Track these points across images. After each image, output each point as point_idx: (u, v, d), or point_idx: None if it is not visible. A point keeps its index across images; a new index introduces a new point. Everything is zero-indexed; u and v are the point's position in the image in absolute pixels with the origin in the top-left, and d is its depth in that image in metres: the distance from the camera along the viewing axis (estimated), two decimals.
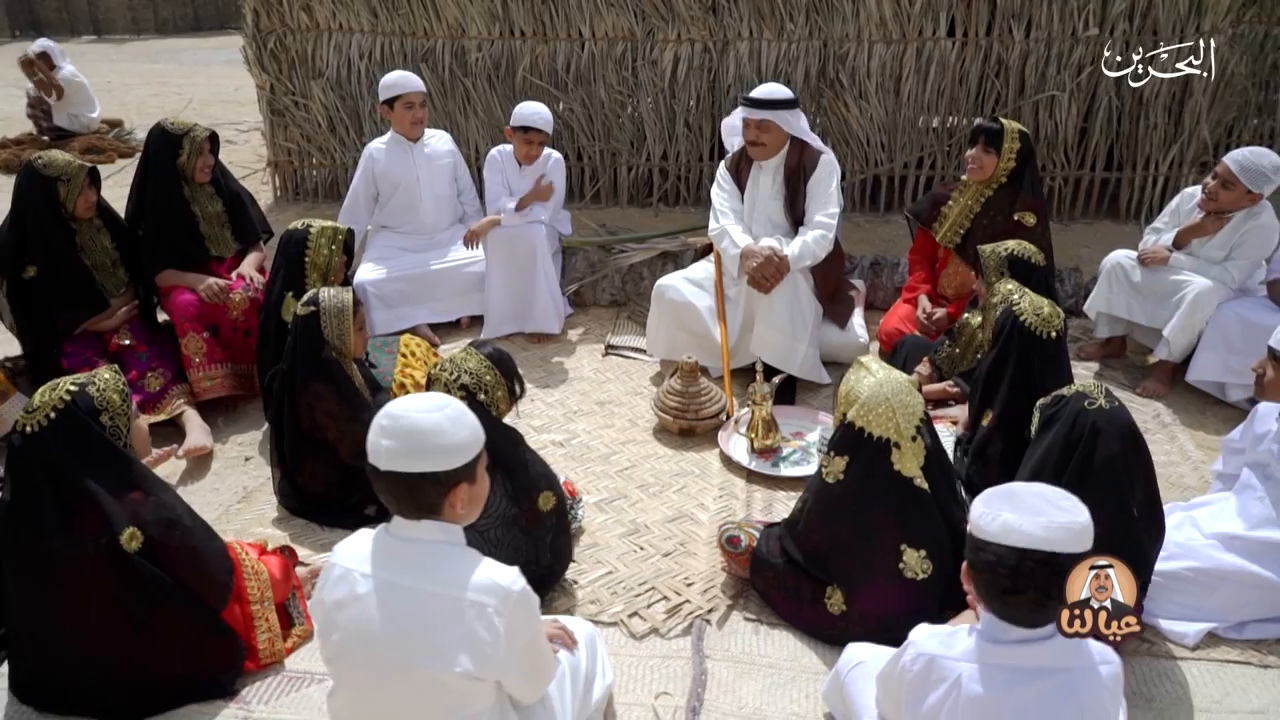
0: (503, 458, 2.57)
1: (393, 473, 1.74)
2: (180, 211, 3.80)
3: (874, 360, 2.51)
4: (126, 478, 2.24)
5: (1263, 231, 3.61)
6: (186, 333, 3.65)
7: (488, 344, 2.74)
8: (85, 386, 2.23)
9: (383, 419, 1.76)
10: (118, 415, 2.27)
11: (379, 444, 1.75)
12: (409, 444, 1.73)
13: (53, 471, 2.15)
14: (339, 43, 5.69)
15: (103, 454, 2.21)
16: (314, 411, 3.03)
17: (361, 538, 1.88)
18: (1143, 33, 5.02)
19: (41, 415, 2.15)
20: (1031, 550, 1.58)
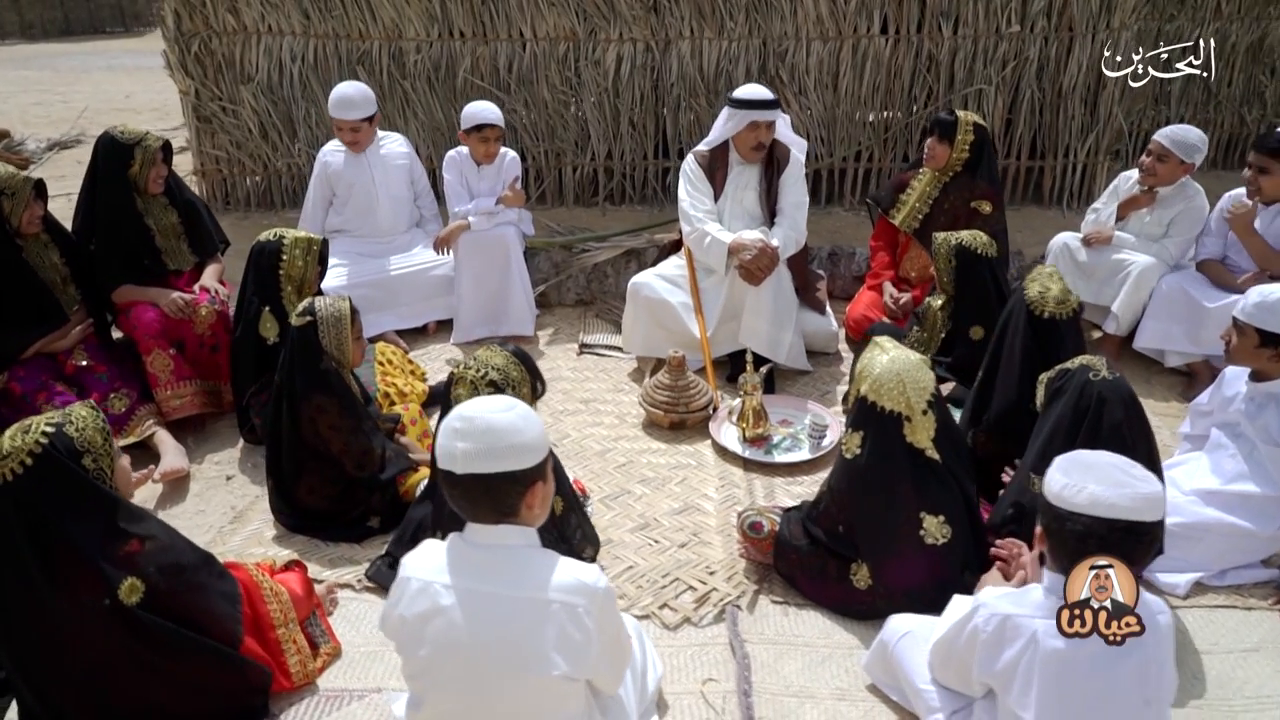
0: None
1: (472, 475, 1.73)
2: (134, 225, 3.63)
3: (888, 340, 2.62)
4: (117, 524, 2.06)
5: (1195, 211, 3.91)
6: (151, 350, 3.48)
7: (508, 343, 2.73)
8: (62, 427, 2.02)
9: (455, 422, 1.75)
10: (101, 456, 2.07)
11: (453, 447, 1.73)
12: (487, 444, 1.73)
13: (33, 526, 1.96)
14: (269, 46, 5.50)
15: (90, 501, 2.03)
16: (317, 425, 2.95)
17: (431, 549, 1.86)
18: (1059, 29, 5.33)
19: (15, 462, 1.93)
20: (1119, 520, 1.69)
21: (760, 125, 3.83)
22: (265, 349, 3.38)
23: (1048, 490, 1.82)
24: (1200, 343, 3.76)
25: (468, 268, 4.20)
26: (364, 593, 2.74)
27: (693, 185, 4.01)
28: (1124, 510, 1.70)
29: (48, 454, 1.97)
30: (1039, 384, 2.57)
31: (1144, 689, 1.78)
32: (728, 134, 3.94)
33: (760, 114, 3.82)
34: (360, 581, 2.77)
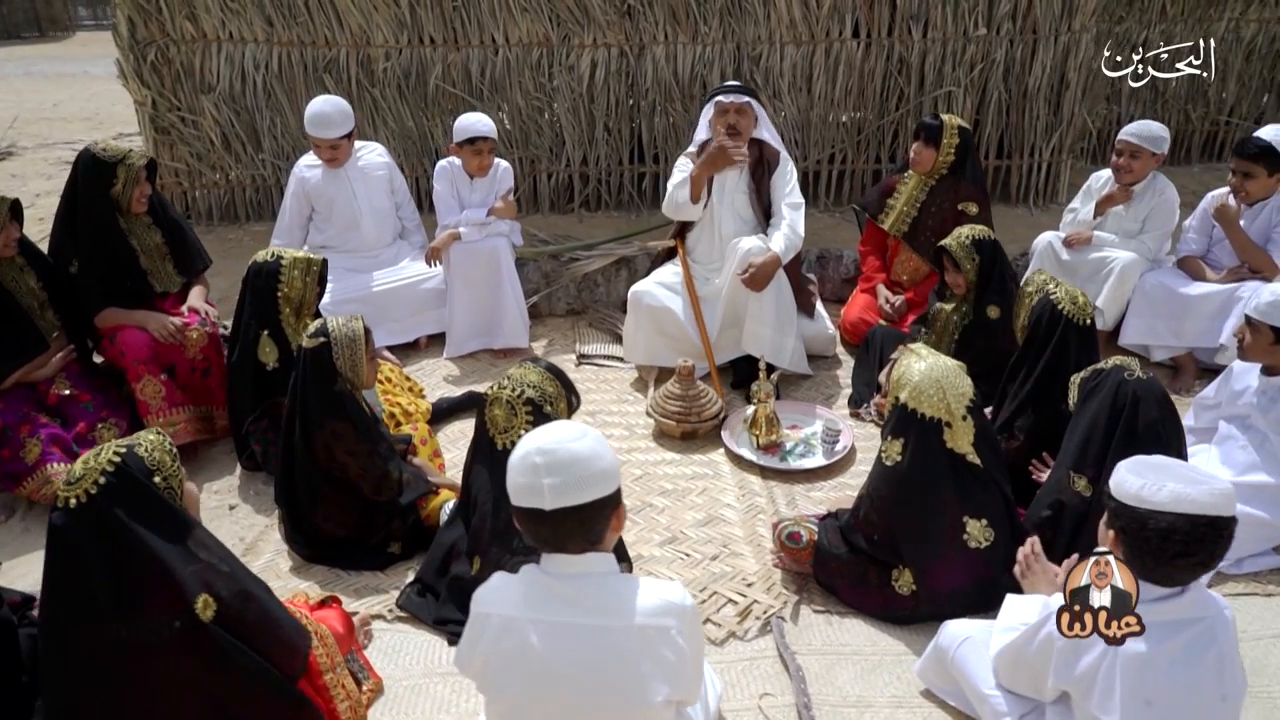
0: None
1: (562, 509, 1.69)
2: (118, 246, 3.47)
3: (923, 347, 2.65)
4: (188, 546, 2.02)
5: (1168, 205, 4.06)
6: (141, 376, 3.33)
7: (538, 359, 2.69)
8: (132, 448, 2.01)
9: (535, 457, 1.70)
10: (171, 476, 2.05)
11: (538, 484, 1.68)
12: (575, 475, 1.69)
13: (110, 544, 1.91)
14: (230, 54, 5.31)
15: (165, 517, 1.99)
16: (333, 451, 2.85)
17: (507, 583, 1.81)
18: (1024, 31, 5.47)
19: (89, 482, 1.90)
20: (1202, 516, 1.72)
21: (728, 108, 3.83)
22: (264, 374, 3.26)
23: (1122, 492, 1.84)
24: (1184, 336, 3.90)
25: (459, 280, 4.11)
26: (396, 623, 2.66)
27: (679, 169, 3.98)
28: (1206, 506, 1.74)
29: (121, 471, 1.93)
30: (1071, 385, 2.62)
31: (1221, 685, 1.82)
32: (706, 128, 3.96)
33: (724, 97, 3.84)
34: (392, 611, 2.68)
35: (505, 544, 2.47)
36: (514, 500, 1.75)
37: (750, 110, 3.88)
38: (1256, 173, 3.72)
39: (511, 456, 1.76)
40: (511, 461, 1.75)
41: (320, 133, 3.99)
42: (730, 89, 3.89)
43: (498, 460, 2.48)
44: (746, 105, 3.86)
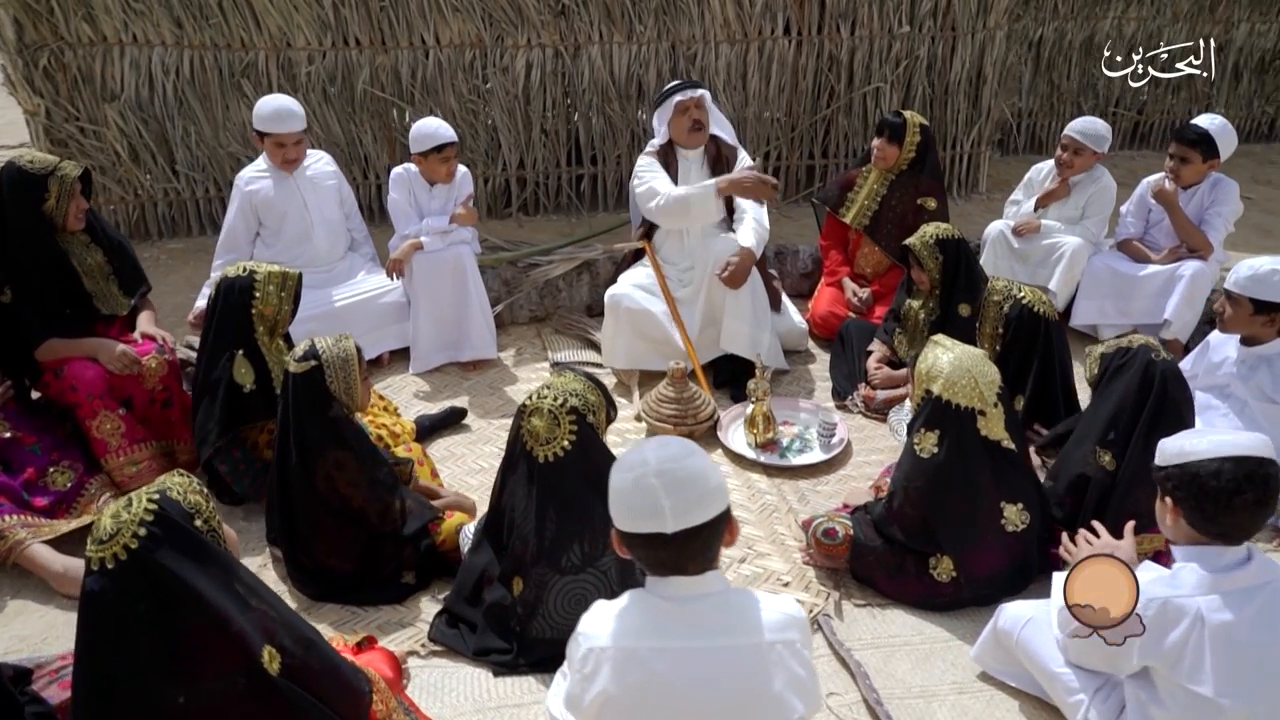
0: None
1: (686, 530, 1.61)
2: (57, 268, 3.14)
3: (944, 338, 2.69)
4: (238, 591, 1.83)
5: (1106, 192, 4.29)
6: (97, 412, 3.02)
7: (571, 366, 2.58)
8: (165, 493, 1.79)
9: (651, 479, 1.61)
10: (210, 518, 1.84)
11: (659, 506, 1.60)
12: (695, 493, 1.62)
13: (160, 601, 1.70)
14: (135, 58, 4.90)
15: (214, 564, 1.79)
16: (335, 481, 2.66)
17: (616, 613, 1.70)
18: (944, 29, 5.68)
19: (128, 535, 1.68)
20: (1246, 456, 1.84)
21: (688, 105, 3.83)
22: (240, 397, 3.02)
23: (1166, 456, 1.94)
24: (1130, 314, 4.13)
25: (423, 292, 3.92)
26: (432, 658, 2.50)
27: (651, 170, 3.92)
28: (1246, 447, 1.86)
29: (162, 519, 1.72)
30: (1090, 357, 2.73)
31: None
32: (665, 128, 3.95)
33: (681, 95, 3.84)
34: (425, 646, 2.53)
35: (553, 563, 2.37)
36: (625, 526, 1.66)
37: (705, 103, 3.88)
38: (1192, 158, 3.98)
39: (616, 481, 1.67)
40: (619, 486, 1.66)
41: (282, 127, 3.75)
42: (683, 86, 3.88)
43: (539, 474, 2.38)
44: (703, 98, 3.86)
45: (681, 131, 3.87)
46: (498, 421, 3.65)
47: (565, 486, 2.37)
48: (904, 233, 4.14)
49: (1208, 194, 4.06)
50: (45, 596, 2.73)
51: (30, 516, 2.82)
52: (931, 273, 3.59)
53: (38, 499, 2.89)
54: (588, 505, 2.37)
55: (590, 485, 2.37)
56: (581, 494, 2.37)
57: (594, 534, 2.37)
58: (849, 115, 5.79)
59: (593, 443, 2.38)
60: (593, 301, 4.50)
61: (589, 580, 2.38)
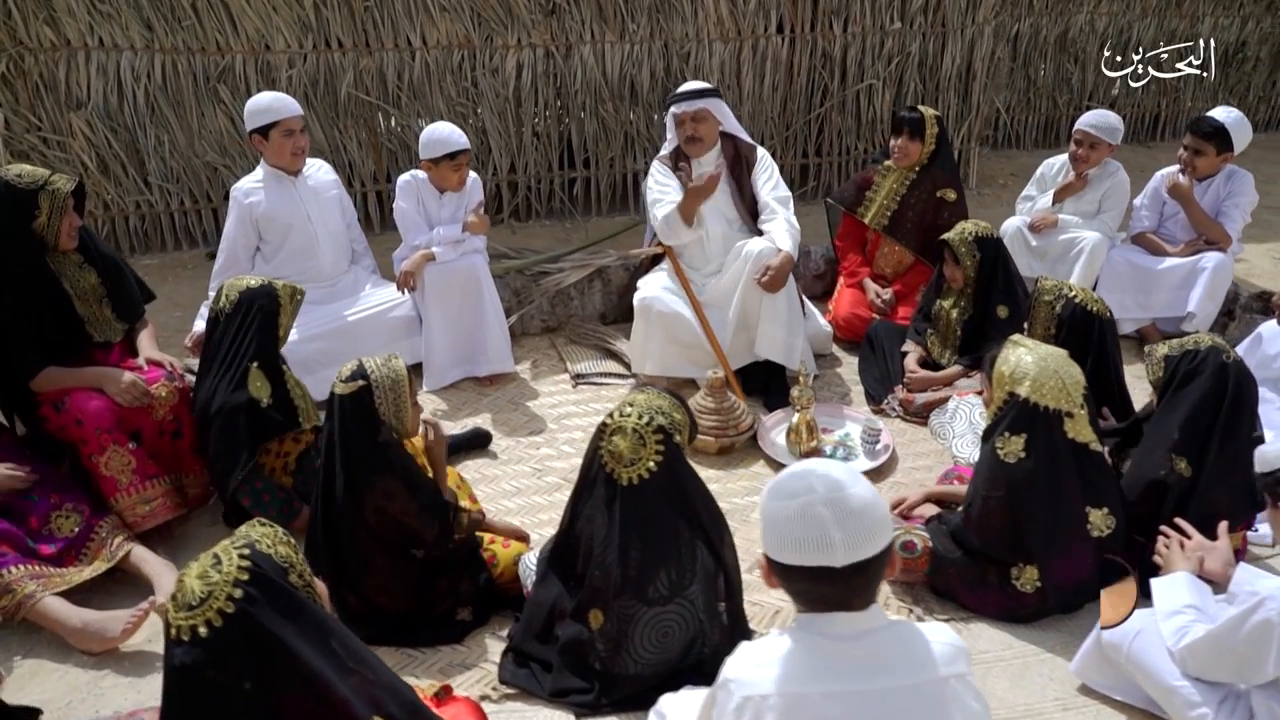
0: (710, 507, 2.29)
1: (855, 563, 1.48)
2: (49, 291, 2.87)
3: (1022, 337, 2.61)
4: (337, 652, 1.65)
5: (1121, 186, 4.28)
6: (105, 448, 2.76)
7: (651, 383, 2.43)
8: (254, 545, 1.60)
9: (819, 509, 1.47)
10: (303, 571, 1.67)
11: (828, 538, 1.46)
12: (866, 524, 1.48)
13: (263, 670, 1.52)
14: (102, 63, 4.59)
15: (313, 625, 1.61)
16: (385, 513, 2.46)
17: (772, 655, 1.54)
18: (934, 24, 5.65)
19: (222, 599, 1.49)
20: None
21: (684, 118, 3.72)
22: (258, 413, 2.81)
23: (1266, 463, 1.87)
24: (1151, 308, 4.12)
25: (436, 304, 3.72)
26: (505, 702, 2.32)
27: (660, 184, 3.83)
28: None
29: (258, 577, 1.53)
30: (1149, 358, 2.67)
31: None
32: (673, 135, 3.84)
33: (678, 108, 3.74)
34: (497, 690, 2.35)
35: (639, 594, 2.22)
36: (785, 558, 1.51)
37: (709, 114, 3.75)
38: (1207, 150, 3.98)
39: (773, 510, 1.52)
40: (780, 514, 1.51)
41: (288, 110, 3.54)
42: (684, 96, 3.73)
43: (622, 498, 2.22)
44: (703, 111, 3.72)
45: (681, 141, 3.77)
46: (526, 440, 3.47)
47: (650, 511, 2.21)
48: (925, 229, 4.09)
49: (1223, 186, 4.07)
50: (62, 654, 2.47)
51: (38, 566, 2.56)
52: (967, 270, 3.52)
53: (44, 546, 2.63)
54: (674, 531, 2.22)
55: (677, 509, 2.23)
56: (668, 519, 2.22)
57: (681, 561, 2.23)
58: (842, 113, 5.73)
59: (679, 464, 2.23)
60: (606, 309, 4.35)
61: (676, 611, 2.23)
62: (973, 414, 3.37)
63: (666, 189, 3.80)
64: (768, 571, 1.58)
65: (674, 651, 2.25)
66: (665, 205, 3.73)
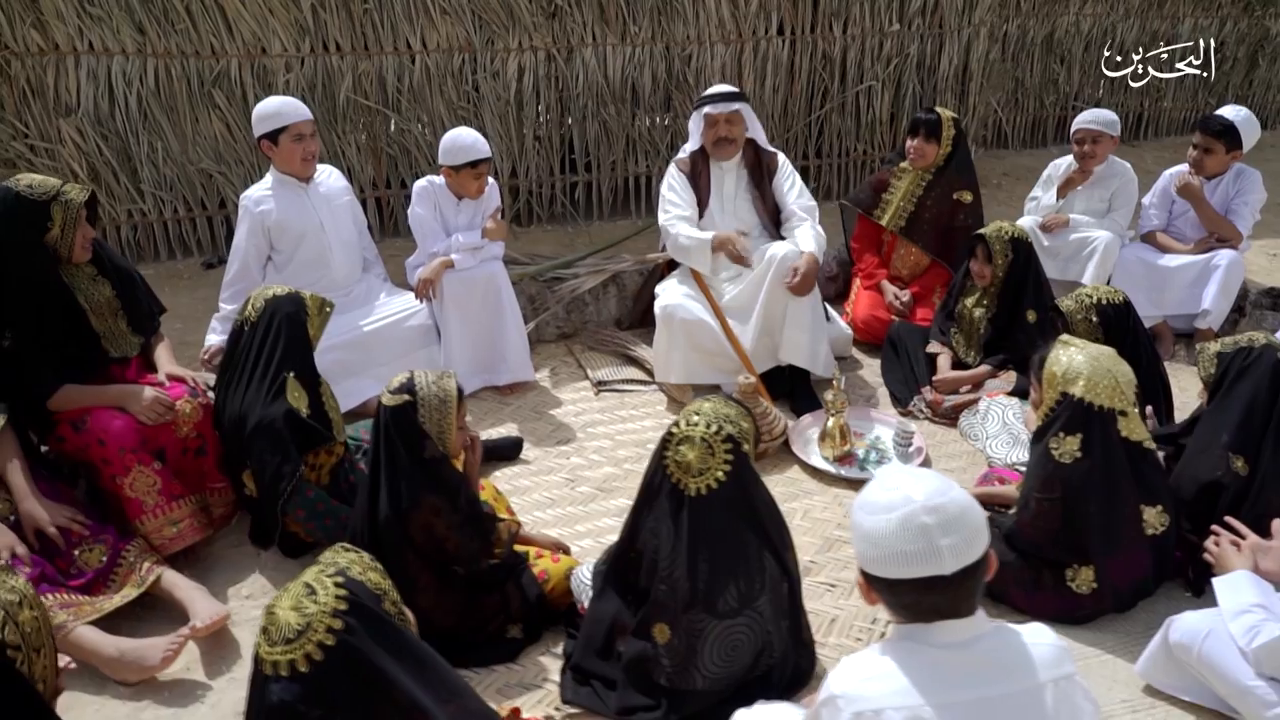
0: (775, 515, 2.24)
1: (963, 569, 1.45)
2: (63, 306, 2.75)
3: (1073, 338, 2.60)
4: (431, 682, 1.59)
5: (1129, 185, 4.32)
6: (130, 468, 2.65)
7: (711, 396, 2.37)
8: (345, 571, 1.54)
9: (923, 518, 1.45)
10: (395, 598, 1.63)
11: (935, 547, 1.44)
12: (969, 529, 1.47)
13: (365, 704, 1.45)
14: (93, 68, 4.44)
15: (407, 652, 1.56)
16: (433, 529, 2.38)
17: (881, 669, 1.51)
18: (932, 25, 5.67)
19: (321, 631, 1.42)
20: None
21: (718, 119, 3.70)
22: (299, 423, 2.72)
23: None
24: (1164, 305, 4.15)
25: (455, 313, 3.64)
26: None
27: (674, 192, 3.81)
28: None
29: (356, 606, 1.47)
30: (1200, 356, 2.67)
31: None
32: (696, 137, 3.80)
33: (713, 108, 3.71)
34: (560, 710, 2.28)
35: (709, 607, 2.16)
36: (892, 572, 1.48)
37: (740, 118, 3.74)
38: (1216, 149, 4.02)
39: (871, 525, 1.49)
40: (881, 529, 1.48)
41: (298, 115, 3.44)
42: (718, 98, 3.72)
43: (690, 509, 2.16)
44: (737, 114, 3.72)
45: (708, 142, 3.75)
46: (555, 449, 3.40)
47: (719, 522, 2.16)
48: (942, 231, 4.10)
49: (1232, 184, 4.12)
50: (97, 685, 2.36)
51: (67, 594, 2.44)
52: (997, 269, 3.52)
53: (72, 581, 2.51)
54: (743, 541, 2.17)
55: (745, 519, 2.18)
56: (736, 529, 2.17)
57: (749, 572, 2.18)
58: (842, 115, 5.72)
59: (748, 473, 2.18)
60: (621, 315, 4.29)
61: (745, 624, 2.18)
62: (1005, 414, 3.37)
63: (679, 203, 3.77)
64: (867, 588, 1.55)
65: (742, 664, 2.20)
66: (676, 222, 3.72)
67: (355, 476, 2.88)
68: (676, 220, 3.75)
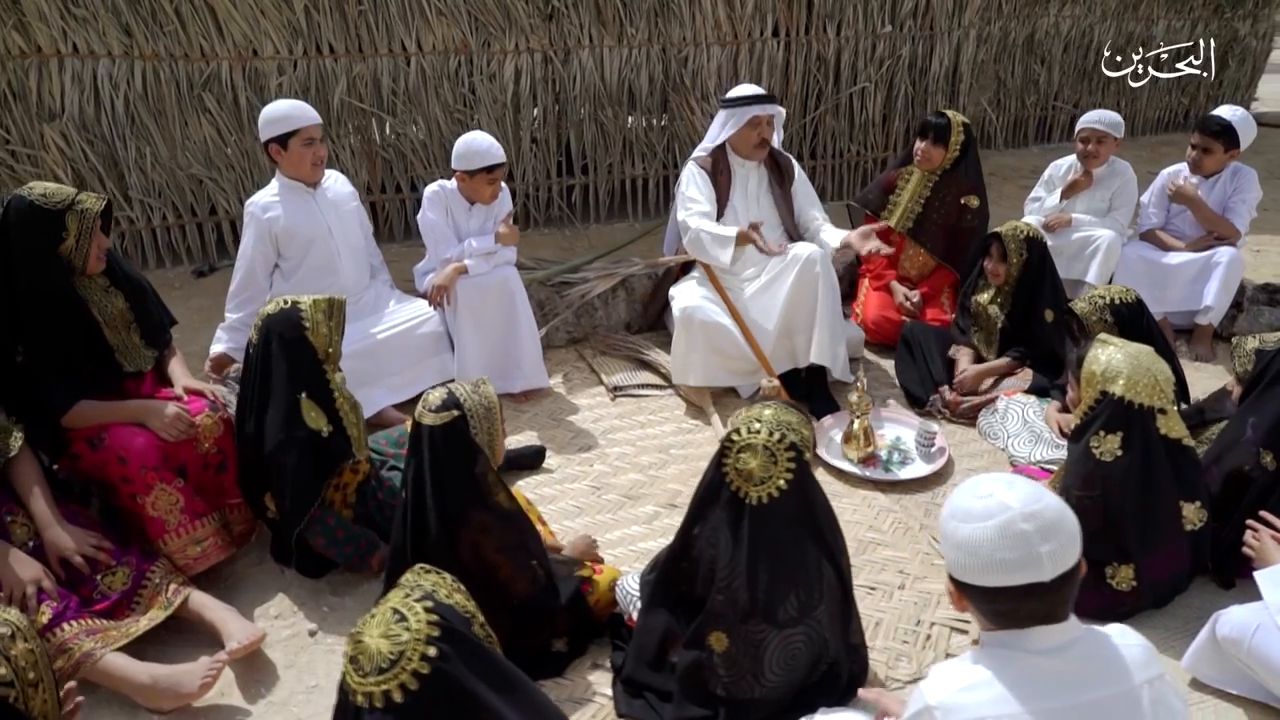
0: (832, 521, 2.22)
1: (1061, 575, 1.46)
2: (77, 319, 2.64)
3: (1111, 336, 2.61)
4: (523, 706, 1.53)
5: (1130, 184, 4.38)
6: (152, 486, 2.55)
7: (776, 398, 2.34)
8: (433, 595, 1.48)
9: (1021, 524, 1.45)
10: (483, 621, 1.59)
11: (1035, 553, 1.45)
12: (1066, 533, 1.48)
13: None
14: (77, 71, 4.30)
15: (501, 677, 1.51)
16: (481, 548, 2.33)
17: (979, 675, 1.50)
18: (922, 27, 5.71)
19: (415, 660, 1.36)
20: None
21: (762, 120, 3.71)
22: (320, 444, 2.63)
23: None
24: (1165, 302, 4.20)
25: (469, 319, 3.58)
26: None
27: (696, 189, 3.78)
28: None
29: (449, 632, 1.42)
30: (1237, 351, 2.70)
31: None
32: (725, 136, 3.78)
33: (761, 109, 3.70)
34: None
35: (769, 617, 2.13)
36: (992, 580, 1.48)
37: (776, 120, 3.81)
38: (1214, 148, 4.09)
39: (966, 534, 1.49)
40: (978, 538, 1.48)
41: (308, 119, 3.37)
42: (762, 99, 3.72)
43: (751, 518, 2.13)
44: (777, 115, 3.78)
45: (747, 145, 3.74)
46: (577, 457, 3.36)
47: (780, 531, 2.13)
48: (948, 233, 4.12)
49: (1229, 182, 4.19)
50: (128, 714, 2.27)
51: (92, 620, 2.34)
52: (1011, 267, 3.54)
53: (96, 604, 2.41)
54: (802, 550, 2.15)
55: (805, 527, 2.16)
56: (797, 538, 2.14)
57: (809, 581, 2.15)
58: (836, 116, 5.74)
59: (809, 480, 2.16)
60: (631, 319, 4.25)
61: (804, 632, 2.15)
62: (1025, 412, 3.39)
63: (699, 199, 3.75)
64: (959, 596, 1.55)
65: (800, 671, 2.18)
66: (698, 218, 3.69)
67: (383, 494, 2.80)
68: (698, 216, 3.72)
